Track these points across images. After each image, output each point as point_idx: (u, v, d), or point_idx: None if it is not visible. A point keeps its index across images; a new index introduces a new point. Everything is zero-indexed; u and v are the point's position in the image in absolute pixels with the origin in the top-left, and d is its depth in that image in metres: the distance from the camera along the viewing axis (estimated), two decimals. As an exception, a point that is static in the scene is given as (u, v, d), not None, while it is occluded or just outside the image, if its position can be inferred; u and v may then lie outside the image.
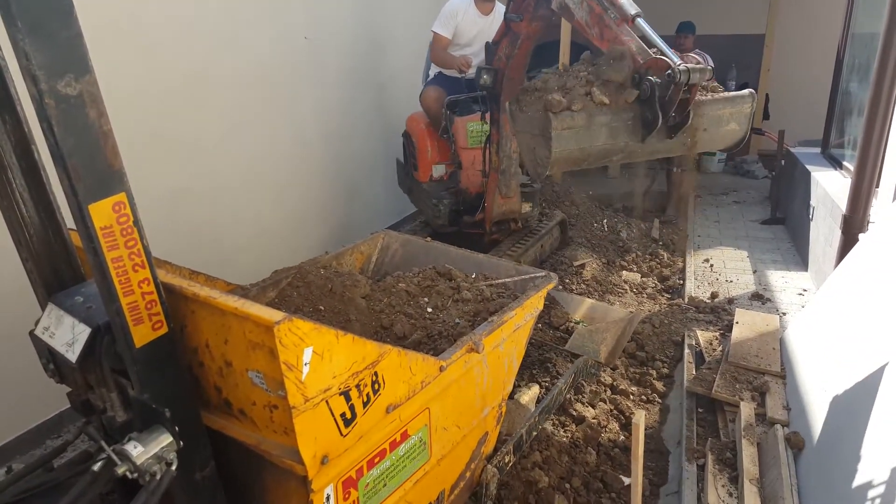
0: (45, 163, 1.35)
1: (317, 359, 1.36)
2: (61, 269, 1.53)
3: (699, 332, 3.76)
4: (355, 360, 1.48)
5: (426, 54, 4.87)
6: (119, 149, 1.21)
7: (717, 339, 3.70)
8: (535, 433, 2.70)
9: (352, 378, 1.49)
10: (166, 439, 1.33)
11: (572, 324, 3.65)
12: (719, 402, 3.04)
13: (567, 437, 2.91)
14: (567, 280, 4.56)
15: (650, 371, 3.51)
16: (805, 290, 4.50)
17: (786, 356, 3.23)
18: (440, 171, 4.57)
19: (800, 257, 5.15)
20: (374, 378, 1.57)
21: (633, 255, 5.26)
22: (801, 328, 3.32)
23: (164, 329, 1.35)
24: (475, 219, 4.34)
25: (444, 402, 1.94)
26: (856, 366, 2.52)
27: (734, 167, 8.32)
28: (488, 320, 2.07)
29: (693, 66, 2.20)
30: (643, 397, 3.32)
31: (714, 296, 4.44)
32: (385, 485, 1.76)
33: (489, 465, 2.32)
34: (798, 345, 3.20)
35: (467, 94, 4.41)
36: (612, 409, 3.15)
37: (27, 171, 1.41)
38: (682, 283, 4.74)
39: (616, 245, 5.42)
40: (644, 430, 2.15)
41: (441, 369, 1.82)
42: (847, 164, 4.86)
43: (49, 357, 1.51)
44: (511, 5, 3.26)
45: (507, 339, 2.18)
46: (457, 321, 2.20)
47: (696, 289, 4.60)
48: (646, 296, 4.55)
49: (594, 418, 3.05)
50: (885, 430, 2.09)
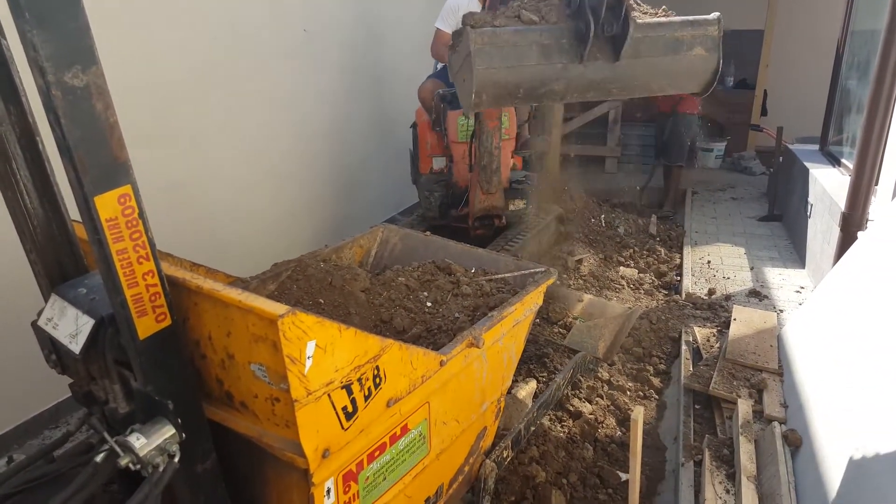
0: (50, 154, 1.35)
1: (320, 352, 1.36)
2: (64, 260, 1.52)
3: (696, 329, 3.78)
4: (357, 353, 1.48)
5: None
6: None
7: (714, 335, 3.71)
8: (532, 428, 2.71)
9: (354, 372, 1.49)
10: (169, 431, 1.33)
11: (570, 319, 3.66)
12: (716, 398, 3.05)
13: (564, 432, 2.92)
14: (565, 276, 4.56)
15: (647, 367, 3.52)
16: (802, 288, 4.51)
17: (783, 353, 3.24)
18: (440, 163, 4.55)
19: (797, 254, 5.16)
20: (375, 372, 1.57)
21: (631, 250, 5.28)
22: (798, 325, 3.33)
23: (168, 321, 1.35)
24: (459, 212, 4.33)
25: (444, 397, 1.94)
26: (853, 364, 2.53)
27: (732, 163, 8.34)
28: (488, 315, 2.07)
29: None
30: (640, 393, 3.33)
31: (711, 292, 4.46)
32: (385, 478, 1.76)
33: (487, 460, 2.33)
34: (796, 342, 3.21)
35: None
36: (609, 405, 3.16)
37: (31, 162, 1.40)
38: (679, 279, 4.76)
39: (614, 241, 5.44)
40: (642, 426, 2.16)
41: (442, 364, 1.82)
42: (845, 162, 4.88)
43: (51, 348, 1.51)
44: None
45: (507, 334, 2.18)
46: (456, 316, 2.20)
47: (693, 285, 4.61)
48: (643, 292, 4.57)
49: (591, 414, 3.06)
50: (882, 428, 2.10)
